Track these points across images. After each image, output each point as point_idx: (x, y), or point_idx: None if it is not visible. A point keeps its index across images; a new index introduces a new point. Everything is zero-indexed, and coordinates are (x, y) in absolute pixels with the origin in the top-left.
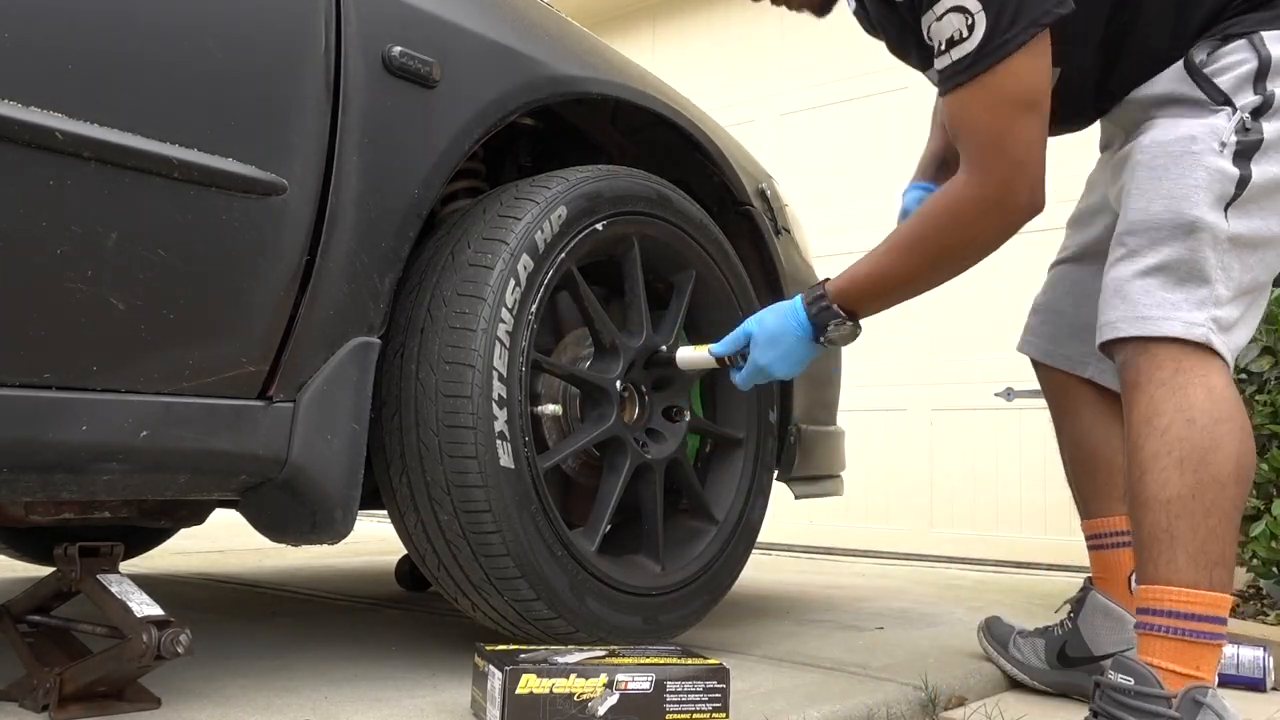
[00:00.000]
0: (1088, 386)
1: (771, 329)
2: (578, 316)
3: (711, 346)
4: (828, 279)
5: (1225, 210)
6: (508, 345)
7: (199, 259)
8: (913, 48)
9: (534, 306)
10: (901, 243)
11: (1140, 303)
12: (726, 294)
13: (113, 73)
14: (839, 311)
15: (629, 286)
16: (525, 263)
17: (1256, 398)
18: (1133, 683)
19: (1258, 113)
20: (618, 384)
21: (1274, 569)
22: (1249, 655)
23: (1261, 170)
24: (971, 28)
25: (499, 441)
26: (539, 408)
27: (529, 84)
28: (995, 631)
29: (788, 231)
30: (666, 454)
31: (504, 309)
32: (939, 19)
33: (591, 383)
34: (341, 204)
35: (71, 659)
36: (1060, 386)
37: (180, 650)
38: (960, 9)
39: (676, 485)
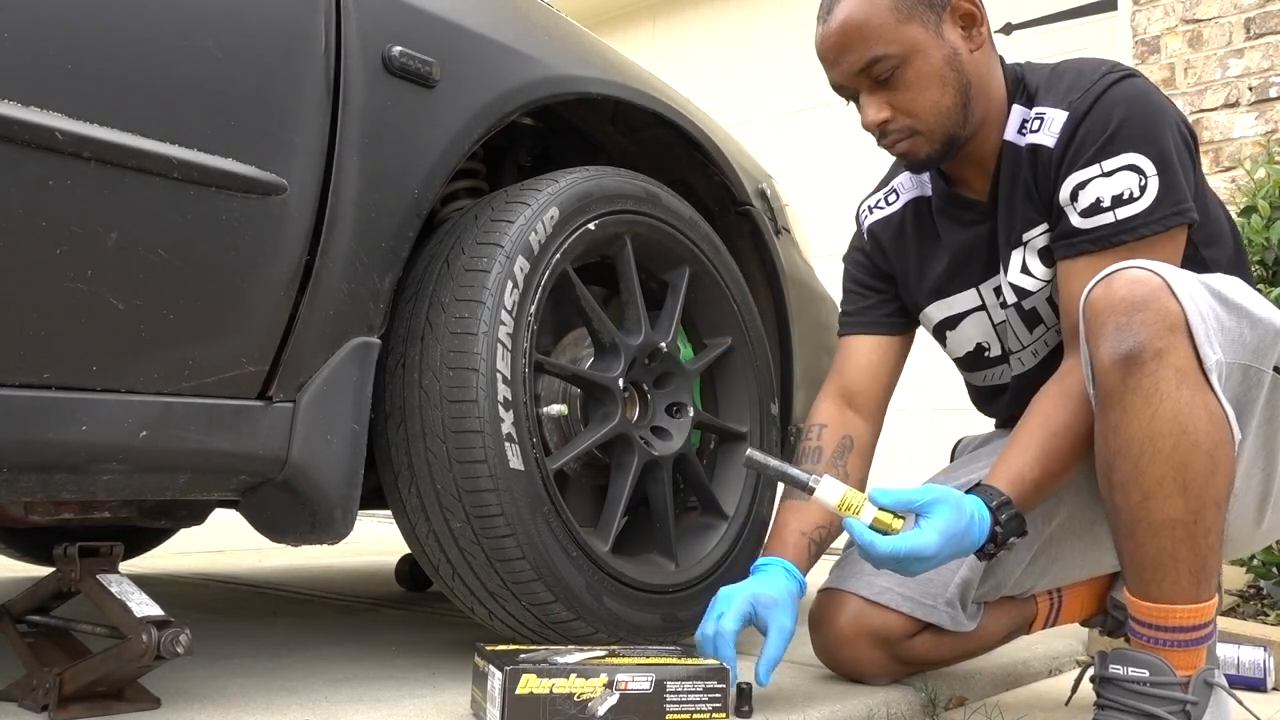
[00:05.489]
0: None
1: (956, 522)
2: (575, 318)
3: (875, 496)
4: (994, 486)
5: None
6: (509, 347)
7: (199, 259)
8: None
9: (533, 308)
10: (1058, 438)
11: None
12: (720, 290)
13: (113, 72)
14: (1021, 521)
15: (624, 285)
16: (521, 265)
17: None
18: (1147, 674)
19: None
20: (620, 382)
21: (1274, 569)
22: (1249, 656)
23: None
24: (1144, 189)
25: (507, 444)
26: (544, 409)
27: (529, 84)
28: None
29: (788, 231)
30: (673, 450)
31: (503, 311)
32: (1107, 175)
33: (595, 382)
34: (341, 204)
35: (71, 659)
36: None
37: (180, 650)
38: (1135, 169)
39: (684, 482)
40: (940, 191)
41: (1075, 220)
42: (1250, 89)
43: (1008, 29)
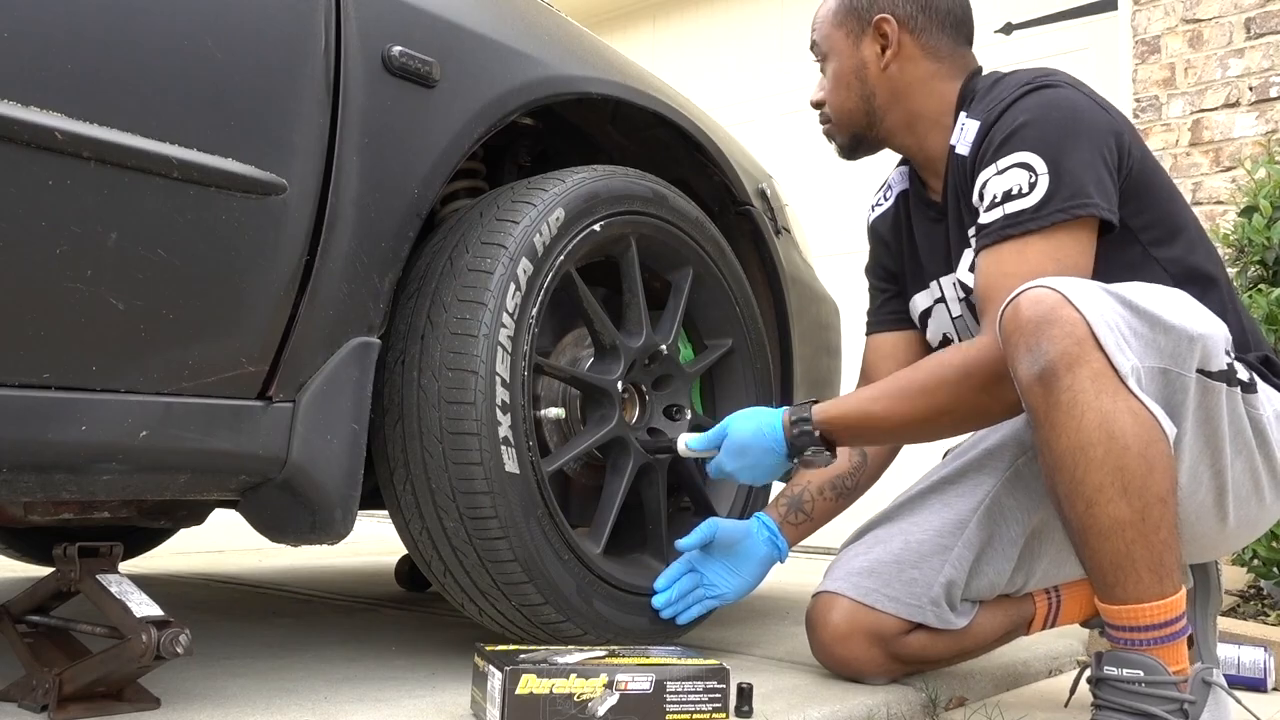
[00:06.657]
0: None
1: (742, 439)
2: (576, 317)
3: (687, 441)
4: (815, 401)
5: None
6: (510, 350)
7: (199, 259)
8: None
9: (534, 310)
10: (901, 390)
11: None
12: (724, 291)
13: (113, 72)
14: (820, 440)
15: (627, 286)
16: (525, 266)
17: None
18: (1142, 674)
19: None
20: (619, 385)
21: (1274, 569)
22: (1250, 656)
23: None
24: (1033, 185)
25: (503, 447)
26: (541, 411)
27: (529, 84)
28: None
29: (788, 231)
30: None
31: (505, 314)
32: (1000, 173)
33: (594, 384)
34: (341, 204)
35: (71, 659)
36: None
37: (180, 650)
38: (1025, 165)
39: (678, 483)
40: (914, 189)
41: (981, 216)
42: (1250, 89)
43: (1008, 29)
